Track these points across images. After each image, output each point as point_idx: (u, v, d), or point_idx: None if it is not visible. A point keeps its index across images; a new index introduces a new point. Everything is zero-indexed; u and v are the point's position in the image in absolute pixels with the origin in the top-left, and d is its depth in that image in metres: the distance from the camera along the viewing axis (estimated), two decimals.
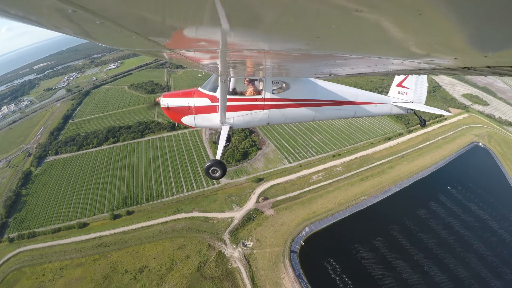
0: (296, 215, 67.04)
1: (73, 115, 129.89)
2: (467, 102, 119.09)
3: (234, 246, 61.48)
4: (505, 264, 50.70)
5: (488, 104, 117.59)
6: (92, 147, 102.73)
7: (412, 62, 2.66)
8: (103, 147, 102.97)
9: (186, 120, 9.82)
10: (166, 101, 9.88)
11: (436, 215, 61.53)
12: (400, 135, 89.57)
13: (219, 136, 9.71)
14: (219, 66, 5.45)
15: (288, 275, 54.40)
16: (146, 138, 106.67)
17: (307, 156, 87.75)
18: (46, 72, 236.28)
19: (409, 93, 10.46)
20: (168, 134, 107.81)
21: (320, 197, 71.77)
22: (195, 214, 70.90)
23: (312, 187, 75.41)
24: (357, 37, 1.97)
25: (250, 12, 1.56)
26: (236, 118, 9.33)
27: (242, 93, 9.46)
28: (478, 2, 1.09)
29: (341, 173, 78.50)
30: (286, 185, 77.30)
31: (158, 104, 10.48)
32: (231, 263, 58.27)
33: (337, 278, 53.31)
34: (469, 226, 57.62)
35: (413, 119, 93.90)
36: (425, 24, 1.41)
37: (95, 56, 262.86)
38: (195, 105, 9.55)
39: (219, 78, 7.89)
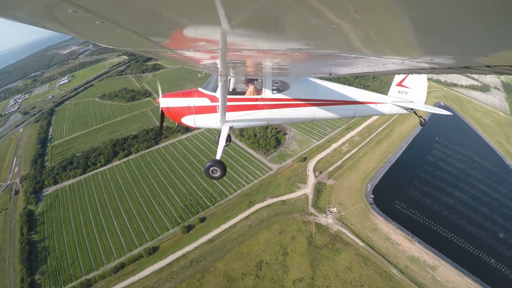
0: (353, 178, 70.87)
1: (49, 137, 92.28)
2: None
3: (324, 215, 60.62)
4: (494, 182, 67.63)
5: None
6: (101, 166, 77.13)
7: (412, 61, 2.47)
8: (115, 163, 78.95)
9: (186, 120, 8.80)
10: (166, 101, 8.88)
11: (439, 157, 77.47)
12: None
13: (219, 136, 8.86)
14: (219, 66, 5.02)
15: (380, 221, 58.27)
16: (162, 145, 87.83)
17: (327, 133, 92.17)
18: None
19: (409, 92, 9.62)
20: (185, 136, 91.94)
21: (358, 162, 77.69)
22: (270, 201, 65.05)
23: (347, 155, 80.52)
24: (357, 37, 1.81)
25: (250, 12, 1.44)
26: (236, 118, 8.48)
27: (242, 93, 8.61)
28: (477, 2, 0.99)
29: (360, 141, 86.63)
30: (327, 158, 79.78)
31: (162, 123, 9.58)
32: (331, 228, 57.63)
33: (408, 212, 60.72)
34: (462, 160, 75.70)
35: (386, 92, 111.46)
36: (425, 24, 1.29)
37: (33, 74, 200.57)
38: (195, 105, 8.62)
39: (219, 78, 7.15)
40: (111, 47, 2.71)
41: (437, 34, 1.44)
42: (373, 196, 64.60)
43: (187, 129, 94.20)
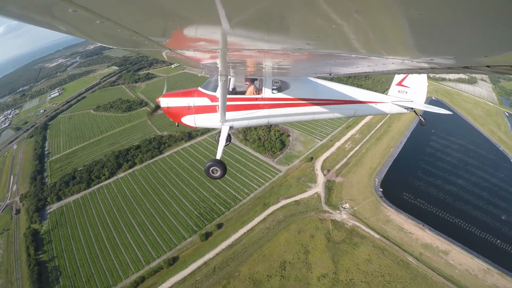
0: (360, 174, 73.22)
1: (46, 152, 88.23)
2: None
3: (338, 211, 62.05)
4: (492, 168, 72.36)
5: None
6: (106, 179, 74.75)
7: (412, 61, 2.43)
8: (120, 175, 76.81)
9: (186, 120, 8.78)
10: (166, 101, 8.89)
11: (437, 149, 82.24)
12: None
13: (219, 136, 8.88)
14: (219, 66, 5.04)
15: (391, 212, 60.59)
16: (167, 153, 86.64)
17: (328, 132, 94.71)
18: None
19: (409, 92, 9.59)
20: (188, 143, 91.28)
21: (363, 158, 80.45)
22: (284, 202, 65.81)
23: (351, 153, 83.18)
24: (357, 37, 1.79)
25: (250, 12, 1.42)
26: (236, 117, 8.47)
27: (242, 93, 8.58)
28: (478, 2, 0.99)
29: (361, 139, 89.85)
30: (333, 157, 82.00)
31: (158, 107, 9.50)
32: (347, 224, 59.09)
33: (416, 202, 63.64)
34: (459, 150, 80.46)
35: (380, 89, 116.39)
36: (425, 24, 1.30)
37: (22, 89, 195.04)
38: (195, 105, 8.62)
39: (219, 77, 7.19)
40: (111, 46, 2.70)
41: (437, 34, 1.44)
42: (381, 190, 67.05)
43: (190, 136, 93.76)
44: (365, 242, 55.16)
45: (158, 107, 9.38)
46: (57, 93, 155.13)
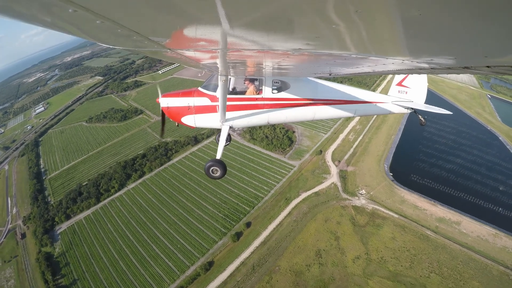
0: (370, 161, 77.03)
1: (43, 170, 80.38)
2: None
3: (357, 198, 64.76)
4: (483, 146, 79.74)
5: None
6: (116, 191, 70.41)
7: (412, 61, 2.42)
8: (131, 186, 72.83)
9: (186, 120, 8.77)
10: (166, 101, 8.89)
11: (433, 133, 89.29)
12: None
13: (219, 136, 9.01)
14: (219, 65, 4.98)
15: (405, 193, 64.68)
16: (176, 159, 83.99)
17: (331, 126, 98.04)
18: None
19: (409, 92, 9.62)
20: (196, 148, 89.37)
21: (368, 147, 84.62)
22: (304, 195, 67.19)
23: (356, 143, 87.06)
24: (357, 37, 1.78)
25: (250, 12, 1.42)
26: (236, 117, 8.48)
27: (242, 93, 8.55)
28: (478, 3, 0.98)
29: (362, 129, 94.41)
30: (340, 148, 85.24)
31: (164, 122, 9.63)
32: (367, 208, 61.95)
33: (424, 182, 68.56)
34: (452, 132, 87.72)
35: (370, 81, 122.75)
36: (425, 25, 1.30)
37: (2, 106, 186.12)
38: (195, 105, 8.60)
39: (219, 77, 7.19)
40: (111, 46, 2.70)
41: (437, 34, 1.44)
42: (391, 174, 71.07)
43: (196, 140, 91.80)
44: (387, 223, 58.25)
45: (164, 122, 9.23)
46: (43, 108, 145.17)
